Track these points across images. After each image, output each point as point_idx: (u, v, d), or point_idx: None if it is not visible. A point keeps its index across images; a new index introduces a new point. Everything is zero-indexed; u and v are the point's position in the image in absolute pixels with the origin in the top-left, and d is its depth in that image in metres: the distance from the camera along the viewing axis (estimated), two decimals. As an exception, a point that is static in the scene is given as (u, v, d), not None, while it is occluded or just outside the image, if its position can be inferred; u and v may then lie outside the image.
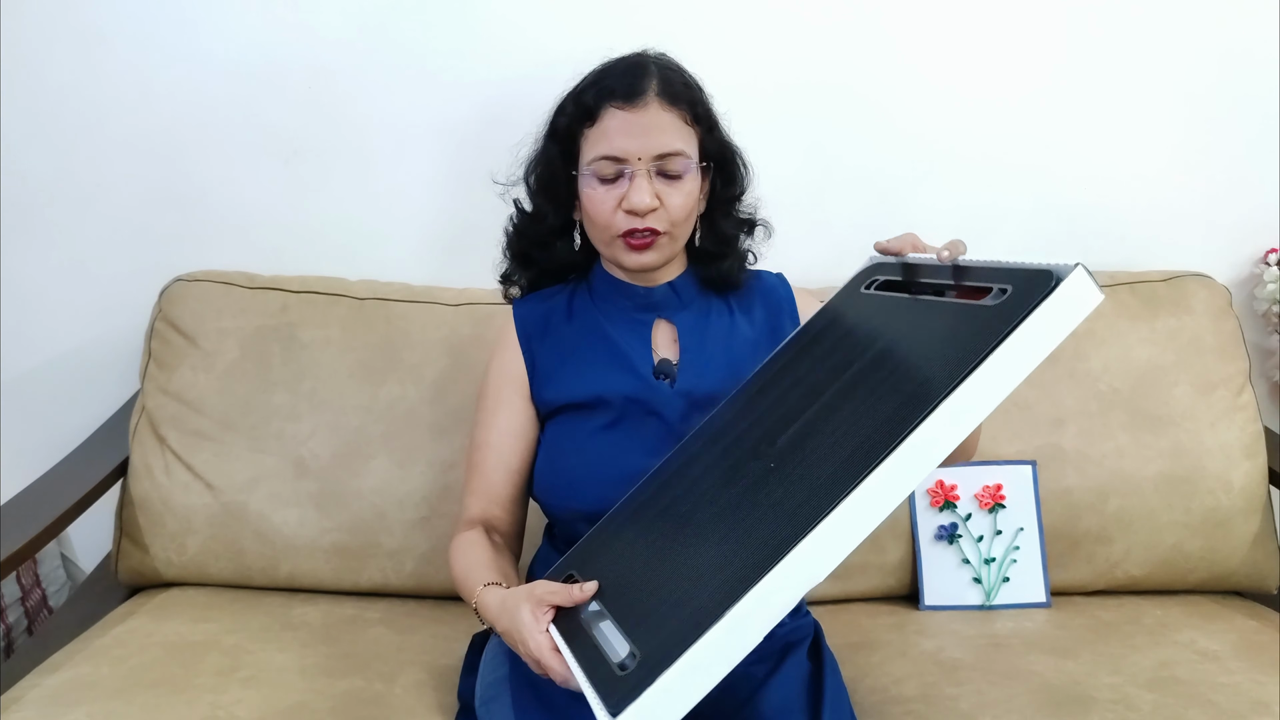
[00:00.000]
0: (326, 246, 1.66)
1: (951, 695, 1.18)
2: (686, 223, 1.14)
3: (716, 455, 0.98)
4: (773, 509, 0.84)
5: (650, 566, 0.92)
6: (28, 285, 1.67)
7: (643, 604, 0.88)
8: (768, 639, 1.11)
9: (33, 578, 1.62)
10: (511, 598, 0.98)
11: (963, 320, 0.83)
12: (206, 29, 1.60)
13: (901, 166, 1.68)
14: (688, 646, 0.78)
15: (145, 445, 1.47)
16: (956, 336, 0.81)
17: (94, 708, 1.11)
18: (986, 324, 0.79)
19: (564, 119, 1.14)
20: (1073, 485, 1.47)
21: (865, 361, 0.90)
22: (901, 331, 0.90)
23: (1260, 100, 1.66)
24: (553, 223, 1.19)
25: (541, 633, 0.92)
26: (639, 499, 1.03)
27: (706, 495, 0.94)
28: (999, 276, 0.84)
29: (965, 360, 0.77)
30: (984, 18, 1.63)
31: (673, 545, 0.92)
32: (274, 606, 1.41)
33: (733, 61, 1.61)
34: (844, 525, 0.79)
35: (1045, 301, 0.76)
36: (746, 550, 0.82)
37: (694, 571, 0.85)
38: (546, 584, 0.97)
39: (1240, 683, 1.20)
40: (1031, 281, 0.79)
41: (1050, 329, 0.77)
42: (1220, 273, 1.62)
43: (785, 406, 0.95)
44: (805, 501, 0.81)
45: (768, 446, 0.91)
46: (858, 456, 0.79)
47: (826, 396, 0.90)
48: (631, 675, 0.81)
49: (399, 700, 1.17)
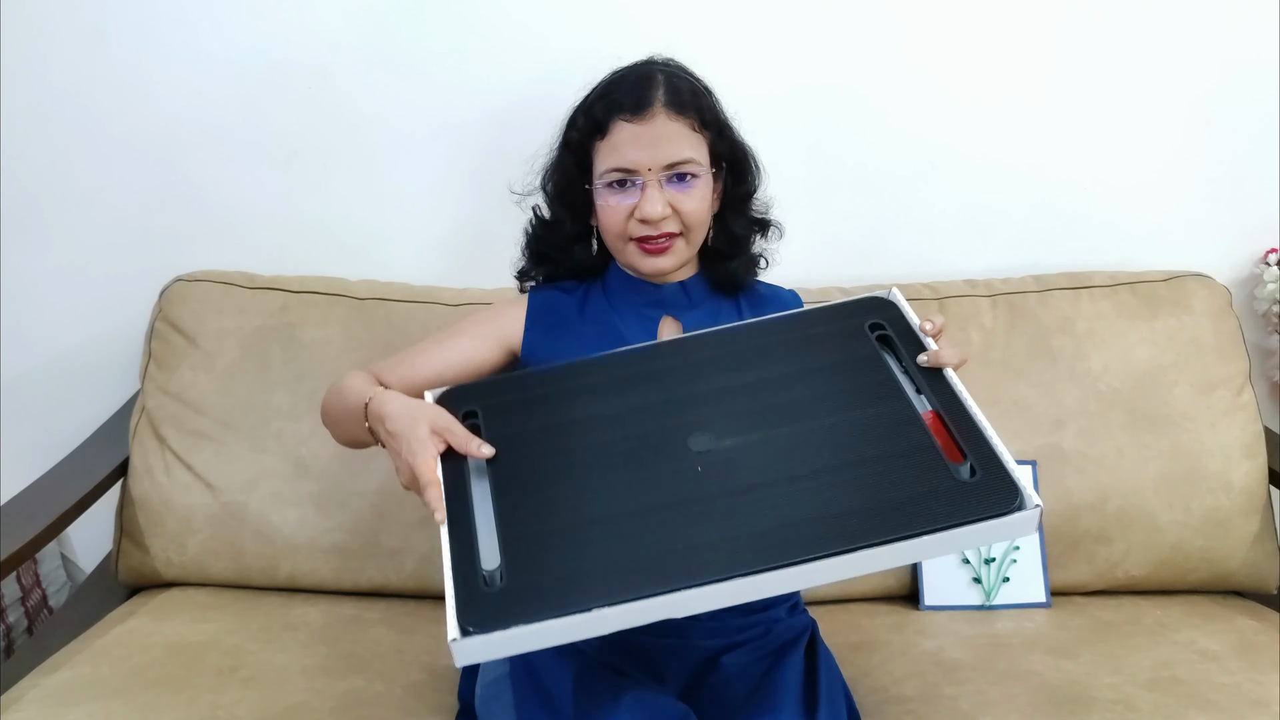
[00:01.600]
0: (326, 246, 1.66)
1: (951, 695, 1.18)
2: (701, 226, 1.16)
3: (655, 409, 0.98)
4: (688, 523, 0.87)
5: (552, 483, 0.93)
6: (28, 285, 1.67)
7: (533, 519, 0.90)
8: (766, 637, 1.13)
9: (33, 578, 1.62)
10: (417, 408, 0.98)
11: (932, 473, 0.88)
12: (206, 29, 1.60)
13: (902, 167, 1.68)
14: (557, 614, 0.82)
15: (145, 445, 1.47)
16: (922, 490, 0.87)
17: (94, 708, 1.11)
18: (948, 495, 0.86)
19: (575, 133, 1.17)
20: (1073, 485, 1.47)
21: (841, 420, 0.94)
22: (886, 426, 0.93)
23: (1260, 101, 1.66)
24: (570, 230, 1.21)
25: (433, 457, 0.94)
26: (579, 382, 1.03)
27: (627, 451, 0.95)
28: (978, 449, 0.89)
29: (910, 524, 0.84)
30: (985, 19, 1.63)
31: (585, 480, 0.93)
32: (274, 607, 1.41)
33: (734, 62, 1.59)
34: (741, 589, 0.83)
35: (999, 518, 0.84)
36: (650, 552, 0.85)
37: (592, 528, 0.88)
38: (449, 418, 0.97)
39: (1240, 683, 1.20)
40: (999, 486, 0.86)
41: (989, 533, 0.85)
42: (1220, 273, 1.62)
43: (746, 403, 0.97)
44: (726, 542, 0.85)
45: (710, 437, 0.94)
46: (787, 535, 0.85)
47: (784, 428, 0.94)
48: (492, 601, 0.84)
49: (399, 700, 1.17)
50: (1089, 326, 1.53)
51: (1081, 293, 1.55)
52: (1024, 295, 1.56)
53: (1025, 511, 0.84)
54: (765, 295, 1.25)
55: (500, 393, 1.05)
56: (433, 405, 1.01)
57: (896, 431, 0.92)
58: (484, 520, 0.91)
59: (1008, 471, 0.86)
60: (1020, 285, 1.58)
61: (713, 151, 1.16)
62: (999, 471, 0.87)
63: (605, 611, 0.82)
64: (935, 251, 1.70)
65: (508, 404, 1.02)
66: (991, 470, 0.87)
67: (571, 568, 0.85)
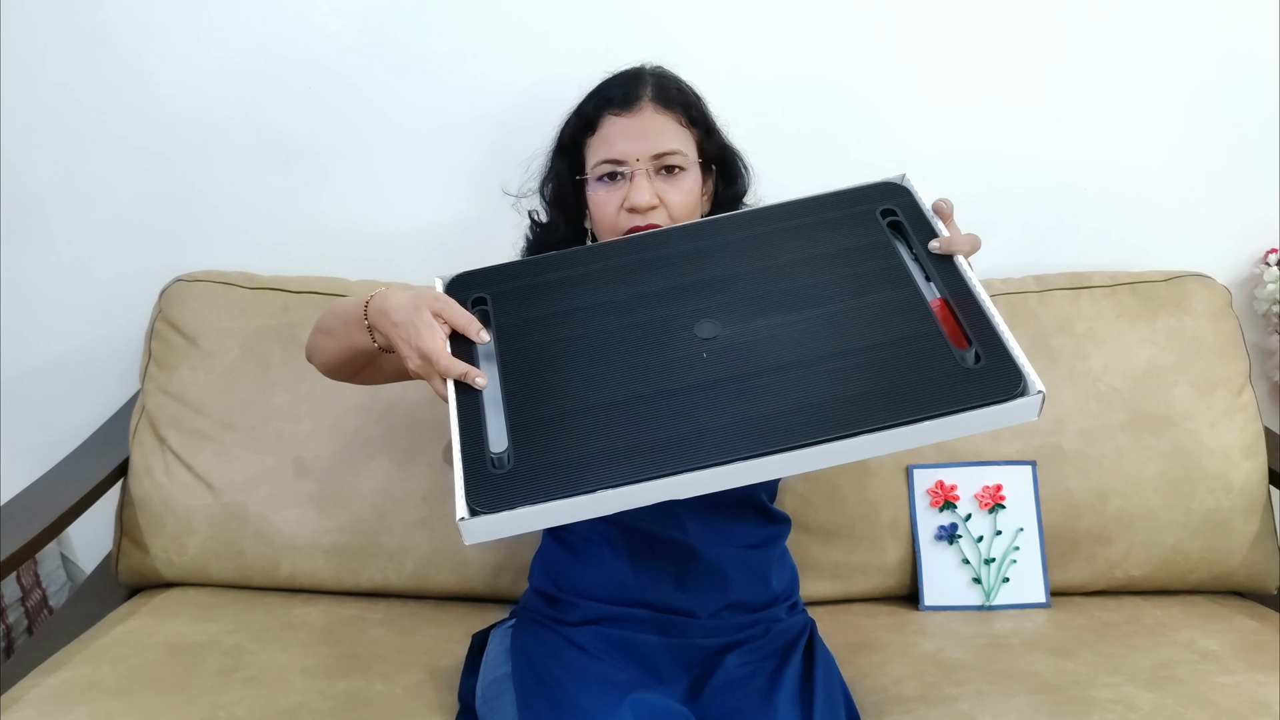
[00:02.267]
0: (326, 246, 1.66)
1: (951, 695, 1.18)
2: (689, 220, 1.16)
3: (663, 296, 0.99)
4: (690, 408, 0.88)
5: (559, 369, 0.94)
6: (28, 285, 1.67)
7: (540, 404, 0.91)
8: (764, 637, 1.13)
9: (33, 578, 1.62)
10: (419, 294, 0.99)
11: (937, 359, 0.89)
12: (206, 29, 1.60)
13: (900, 166, 1.67)
14: (562, 495, 0.84)
15: (145, 445, 1.47)
16: (925, 376, 0.87)
17: (94, 708, 1.11)
18: (951, 380, 0.87)
19: (568, 131, 1.20)
20: (1073, 485, 1.47)
21: (846, 307, 0.94)
22: (892, 313, 0.94)
23: (1260, 100, 1.66)
24: (564, 233, 1.23)
25: (442, 338, 0.95)
26: (589, 268, 1.03)
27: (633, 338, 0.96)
28: (985, 335, 0.89)
29: (912, 409, 0.85)
30: (984, 17, 1.63)
31: (590, 365, 0.94)
32: (274, 607, 1.41)
33: (732, 61, 1.61)
34: (740, 472, 0.85)
35: (1001, 403, 0.85)
36: (652, 436, 0.87)
37: (596, 413, 0.89)
38: (448, 299, 0.98)
39: (1240, 683, 1.20)
40: (1003, 372, 0.86)
41: (991, 419, 0.86)
42: (1220, 273, 1.62)
43: (753, 289, 0.97)
44: (726, 427, 0.86)
45: (716, 324, 0.95)
46: (788, 421, 0.86)
47: (790, 315, 0.94)
48: (499, 482, 0.86)
49: (399, 700, 1.17)
50: (1089, 327, 1.53)
51: (1081, 293, 1.56)
52: (1024, 295, 1.56)
53: (1028, 397, 0.84)
54: None
55: (510, 278, 1.05)
56: (432, 290, 1.02)
57: (902, 318, 0.92)
58: (492, 404, 0.93)
59: (1013, 358, 0.86)
60: (1020, 285, 1.58)
61: (700, 149, 1.18)
62: (1004, 358, 0.87)
63: (608, 493, 0.84)
64: (935, 251, 1.70)
65: (517, 290, 1.03)
66: (997, 356, 0.87)
67: (576, 451, 0.87)
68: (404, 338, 0.97)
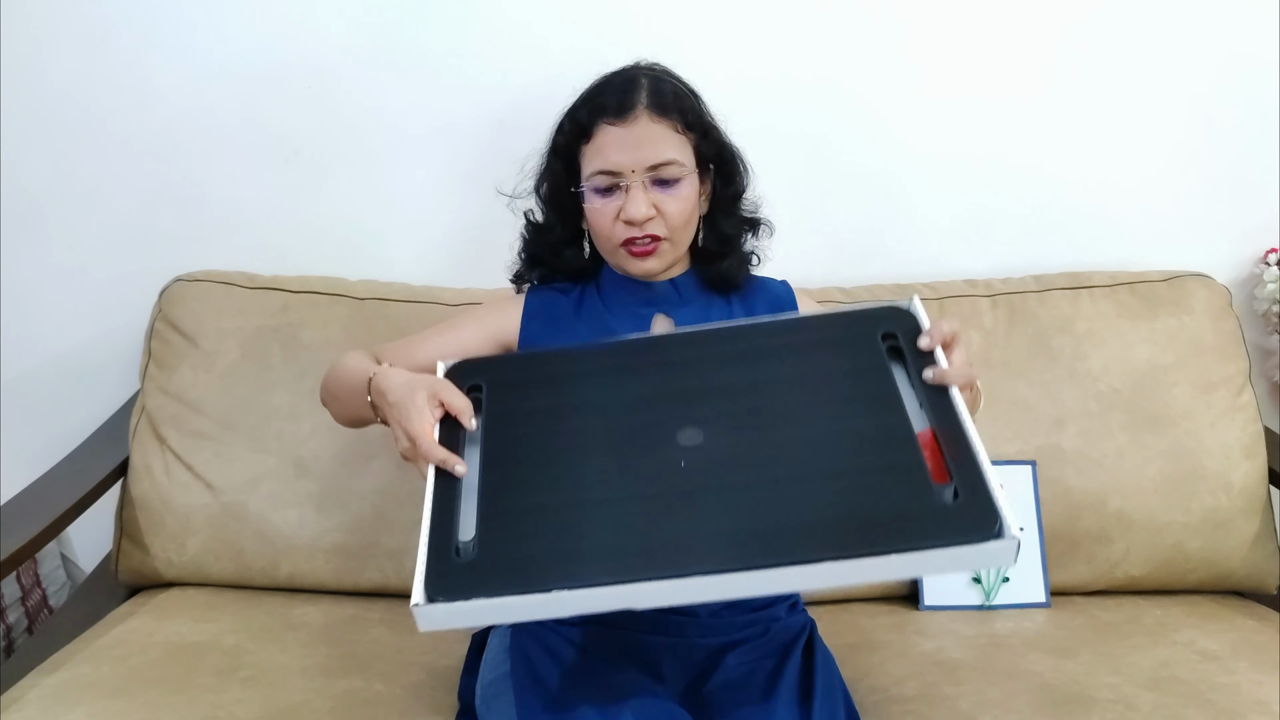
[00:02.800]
0: (326, 246, 1.66)
1: (951, 695, 1.18)
2: (686, 227, 1.16)
3: (653, 400, 0.98)
4: (658, 516, 0.87)
5: (537, 463, 0.94)
6: (28, 285, 1.67)
7: (512, 497, 0.90)
8: (765, 636, 1.13)
9: (33, 578, 1.62)
10: (417, 378, 1.01)
11: (914, 491, 0.87)
12: (206, 29, 1.60)
13: (902, 166, 1.68)
14: (517, 592, 0.82)
15: (145, 445, 1.47)
16: (899, 508, 0.85)
17: (94, 708, 1.11)
18: (925, 515, 0.84)
19: (563, 137, 1.18)
20: (1073, 485, 1.47)
21: (832, 429, 0.93)
22: (876, 439, 0.92)
23: (1260, 100, 1.66)
24: (561, 234, 1.23)
25: (430, 422, 0.95)
26: (585, 366, 1.03)
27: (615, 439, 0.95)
28: (966, 472, 0.87)
29: (879, 541, 0.82)
30: (985, 18, 1.63)
31: (568, 464, 0.93)
32: (274, 606, 1.41)
33: (732, 61, 1.61)
34: (696, 588, 0.83)
35: (973, 544, 0.82)
36: (615, 541, 0.85)
37: (565, 511, 0.88)
38: (446, 383, 0.99)
39: (1240, 683, 1.20)
40: (980, 512, 0.83)
41: (962, 559, 0.83)
42: (1220, 273, 1.62)
43: (743, 402, 0.96)
44: (690, 539, 0.85)
45: (699, 433, 0.93)
46: (753, 539, 0.84)
47: (775, 431, 0.93)
48: (459, 571, 0.84)
49: (399, 700, 1.17)
50: (1089, 326, 1.53)
51: (1081, 293, 1.56)
52: (1024, 295, 1.56)
53: (1002, 541, 0.82)
54: (754, 287, 1.25)
55: (507, 369, 1.05)
56: (431, 375, 1.02)
57: (886, 446, 0.91)
58: (469, 492, 0.92)
59: (992, 499, 0.84)
60: (1020, 285, 1.58)
61: (698, 153, 1.17)
62: (983, 497, 0.84)
63: (563, 594, 0.82)
64: (935, 251, 1.70)
65: (512, 381, 1.03)
66: (975, 495, 0.85)
67: (539, 548, 0.86)
68: (396, 418, 0.99)
